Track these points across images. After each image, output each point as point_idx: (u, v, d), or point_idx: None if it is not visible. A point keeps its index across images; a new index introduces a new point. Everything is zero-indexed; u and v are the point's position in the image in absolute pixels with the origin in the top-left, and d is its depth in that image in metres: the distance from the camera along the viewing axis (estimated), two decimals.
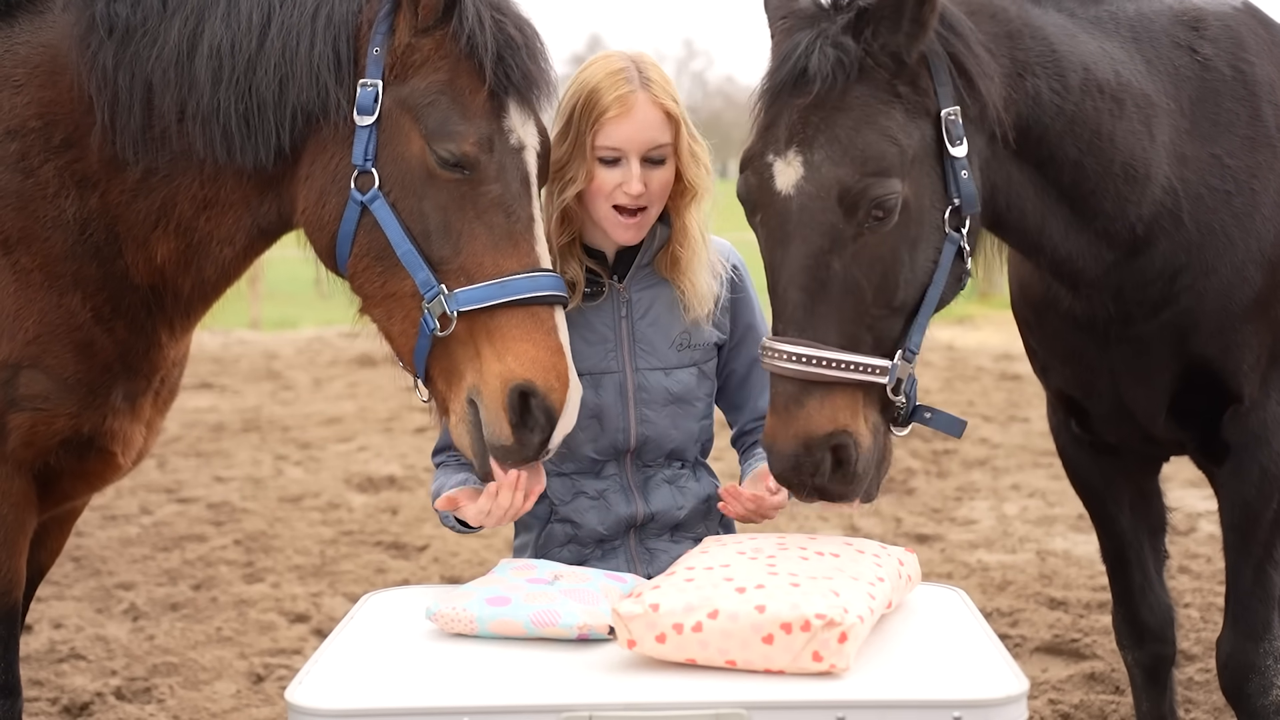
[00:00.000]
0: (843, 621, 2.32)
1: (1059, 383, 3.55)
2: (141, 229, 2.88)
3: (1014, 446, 8.66)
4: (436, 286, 2.68)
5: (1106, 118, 2.93)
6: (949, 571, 6.04)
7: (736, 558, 2.57)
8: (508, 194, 2.73)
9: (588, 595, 2.64)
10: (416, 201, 2.72)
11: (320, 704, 2.31)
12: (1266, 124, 3.12)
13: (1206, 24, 3.16)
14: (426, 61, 2.73)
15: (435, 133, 2.70)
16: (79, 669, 5.02)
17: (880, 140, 2.65)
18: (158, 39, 2.77)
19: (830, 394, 2.64)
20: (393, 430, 9.66)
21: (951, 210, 2.73)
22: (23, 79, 2.87)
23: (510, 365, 2.65)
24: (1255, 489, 3.22)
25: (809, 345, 2.62)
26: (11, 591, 2.96)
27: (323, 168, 2.76)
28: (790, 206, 2.67)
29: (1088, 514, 3.87)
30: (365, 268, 2.77)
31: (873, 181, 2.63)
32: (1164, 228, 3.05)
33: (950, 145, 2.71)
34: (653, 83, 2.99)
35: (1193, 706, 4.45)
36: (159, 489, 7.92)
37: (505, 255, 2.70)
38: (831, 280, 2.65)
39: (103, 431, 2.97)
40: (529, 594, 2.64)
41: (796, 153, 2.67)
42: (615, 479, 3.11)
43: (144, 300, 2.95)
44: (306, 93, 2.72)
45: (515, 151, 2.76)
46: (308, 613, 5.66)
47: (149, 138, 2.80)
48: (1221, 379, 3.17)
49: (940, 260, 2.73)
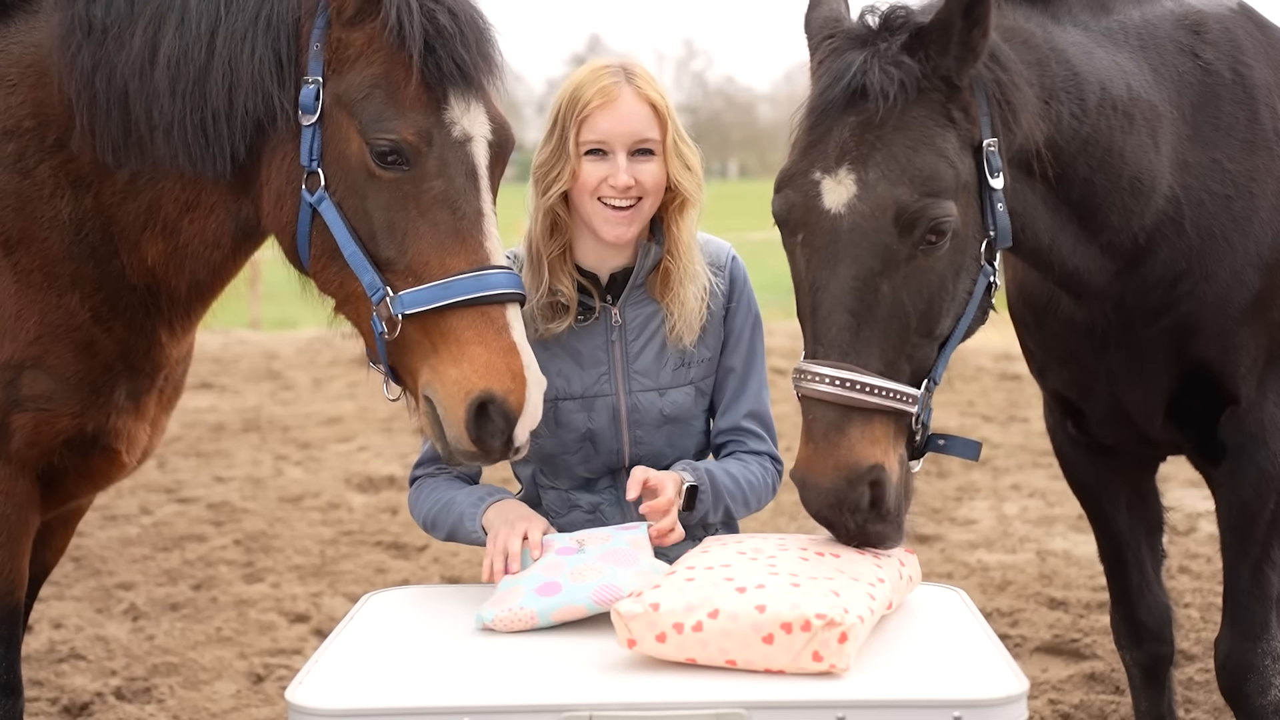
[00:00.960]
0: (843, 622, 2.32)
1: (1056, 384, 3.55)
2: (133, 230, 2.87)
3: (1014, 446, 8.66)
4: (382, 289, 2.62)
5: (1118, 134, 2.92)
6: (949, 571, 6.04)
7: (737, 558, 2.56)
8: (452, 189, 2.64)
9: (623, 555, 2.63)
10: (360, 201, 2.66)
11: (320, 704, 2.31)
12: (1264, 127, 3.13)
13: (1207, 27, 3.16)
14: (360, 55, 2.66)
15: (370, 128, 2.63)
16: (79, 669, 5.02)
17: (939, 161, 2.59)
18: (125, 44, 2.74)
19: (871, 423, 2.54)
20: (393, 430, 9.66)
21: (987, 243, 2.70)
22: (16, 79, 2.87)
23: (465, 372, 2.58)
24: (1252, 489, 3.22)
25: (853, 370, 2.53)
26: (14, 591, 2.96)
27: (277, 170, 2.72)
28: (840, 225, 2.58)
29: (1085, 514, 3.87)
30: (323, 268, 2.73)
31: (931, 202, 2.57)
32: (1165, 235, 3.05)
33: (990, 177, 2.67)
34: (638, 77, 2.96)
35: (1193, 706, 4.45)
36: (159, 489, 7.92)
37: (452, 254, 2.62)
38: (879, 304, 2.56)
39: (106, 430, 2.97)
40: (573, 571, 2.63)
41: (849, 170, 2.59)
42: (609, 492, 3.09)
43: (141, 300, 2.94)
44: (252, 99, 2.67)
45: (459, 144, 2.67)
46: (308, 613, 5.66)
47: (129, 143, 2.78)
48: (1219, 381, 3.18)
49: (975, 291, 2.69)
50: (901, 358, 2.59)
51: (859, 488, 2.53)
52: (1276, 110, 3.15)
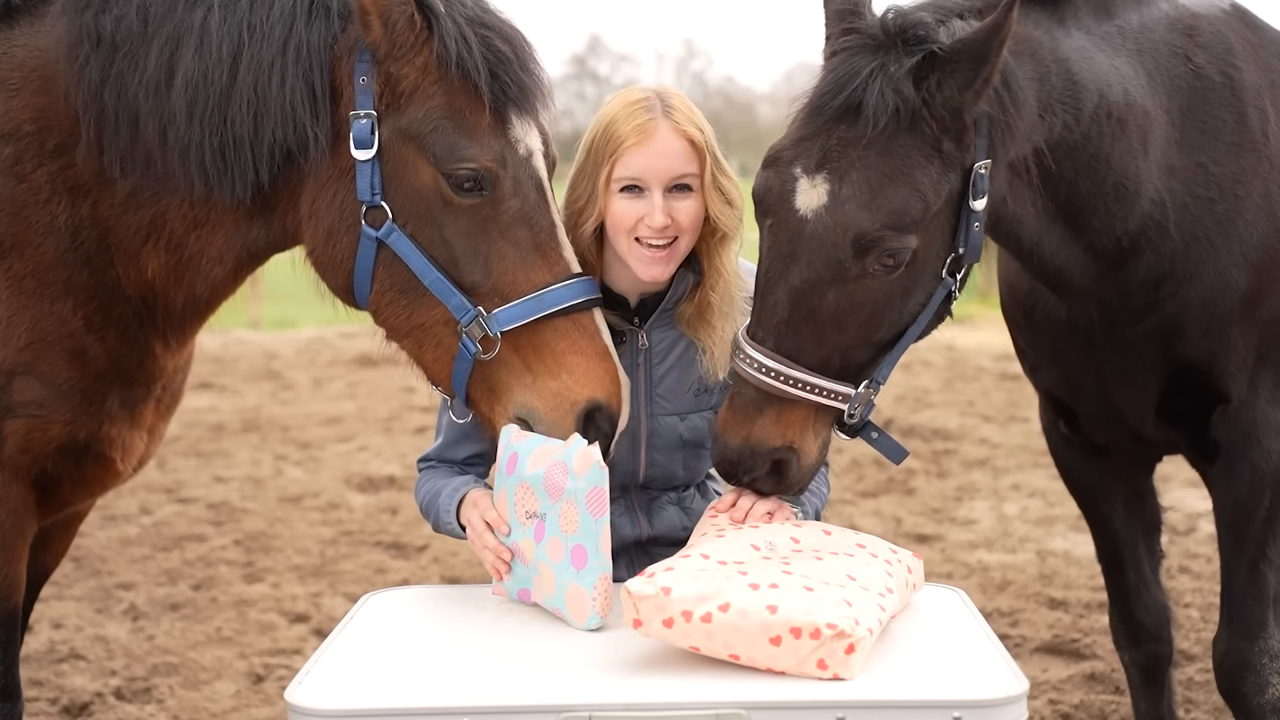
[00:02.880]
0: (853, 634, 2.33)
1: (1047, 383, 3.56)
2: (132, 242, 2.86)
3: (1014, 446, 8.66)
4: (473, 310, 2.65)
5: (1108, 141, 2.93)
6: (949, 571, 6.04)
7: (751, 552, 2.57)
8: (527, 206, 2.70)
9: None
10: (436, 230, 2.69)
11: (320, 704, 2.31)
12: (1252, 129, 3.13)
13: (1200, 30, 3.16)
14: (417, 88, 2.68)
15: (445, 158, 2.66)
16: (79, 669, 5.02)
17: (910, 196, 2.63)
18: (138, 63, 2.73)
19: (787, 410, 2.68)
20: (393, 430, 9.66)
21: (953, 258, 2.74)
22: (19, 83, 2.85)
23: (568, 383, 2.64)
24: (1247, 487, 3.23)
25: (782, 362, 2.65)
26: (11, 596, 2.95)
27: (326, 205, 2.72)
28: (803, 229, 2.65)
29: (1082, 514, 3.88)
30: (390, 301, 2.74)
31: (890, 235, 2.62)
32: (1149, 239, 3.06)
33: (973, 199, 2.70)
34: (675, 110, 2.89)
35: (1193, 706, 4.46)
36: (159, 489, 7.92)
37: (536, 269, 2.68)
38: (822, 309, 2.65)
39: (100, 438, 2.96)
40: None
41: (825, 180, 2.64)
42: (620, 502, 3.07)
43: (136, 311, 2.93)
44: (282, 129, 2.67)
45: (525, 161, 2.73)
46: (308, 613, 5.66)
47: (135, 157, 2.77)
48: (1209, 380, 3.18)
49: (929, 303, 2.75)
50: (836, 356, 2.69)
51: (760, 461, 2.69)
52: (1265, 111, 3.16)
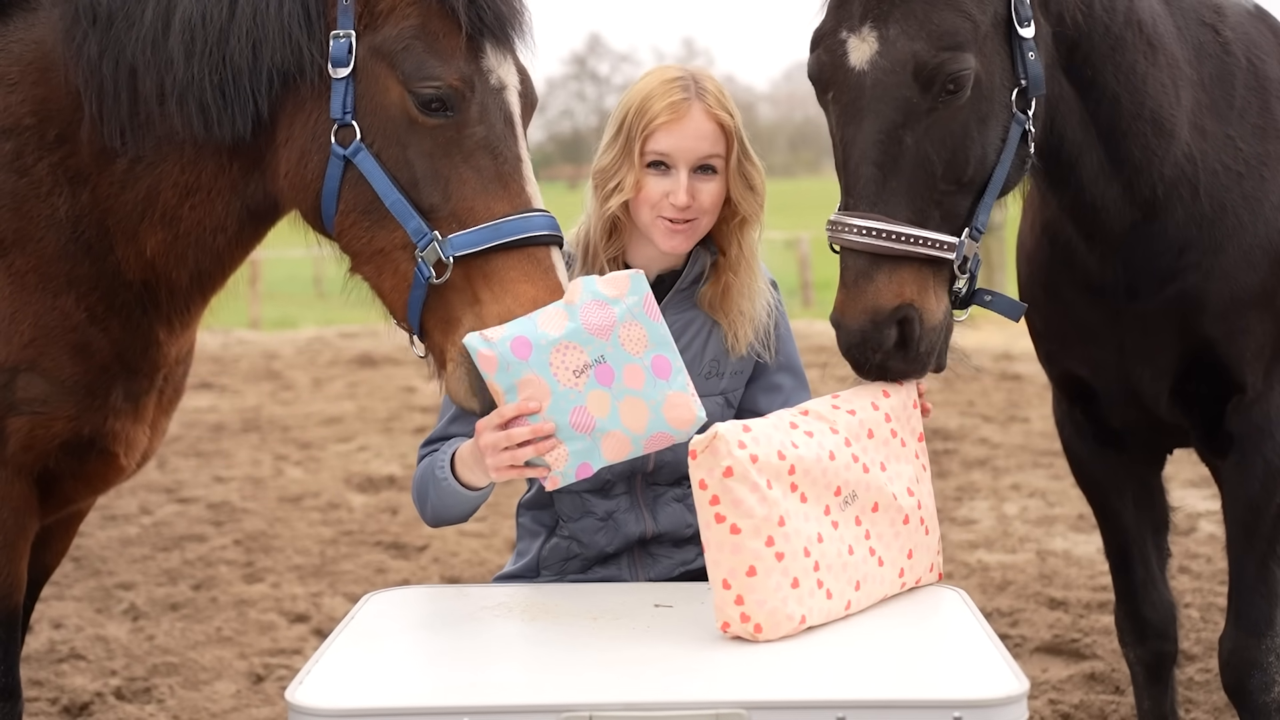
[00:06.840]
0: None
1: (1067, 364, 3.54)
2: (130, 221, 2.86)
3: (1014, 446, 8.66)
4: (429, 234, 2.65)
5: (1142, 59, 3.00)
6: (949, 571, 6.04)
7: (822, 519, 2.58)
8: (492, 135, 2.70)
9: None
10: (400, 150, 2.69)
11: (320, 704, 2.30)
12: (1276, 118, 3.19)
13: (1226, 14, 3.25)
14: (394, 9, 2.70)
15: (413, 76, 2.67)
16: (79, 669, 5.02)
17: (954, 15, 2.69)
18: (134, 22, 2.75)
19: (899, 268, 2.67)
20: (393, 430, 9.66)
21: (1019, 91, 2.78)
22: (16, 77, 2.86)
23: (509, 306, 2.61)
24: (1259, 483, 3.23)
25: (880, 220, 2.66)
26: (12, 595, 2.95)
27: (301, 126, 2.74)
28: (864, 82, 2.70)
29: (1091, 510, 3.86)
30: (352, 224, 2.74)
31: (948, 56, 2.67)
32: (1181, 195, 3.11)
33: (1019, 26, 2.76)
34: (708, 93, 2.94)
35: (1193, 706, 4.45)
36: (159, 489, 7.92)
37: (496, 198, 2.67)
38: (903, 155, 2.68)
39: (103, 433, 2.95)
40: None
41: (871, 28, 2.70)
42: (625, 497, 3.07)
43: (138, 297, 2.93)
44: (280, 53, 2.70)
45: (496, 92, 2.73)
46: (308, 613, 5.66)
47: (135, 124, 2.78)
48: (1224, 364, 3.19)
49: (1008, 139, 2.78)
50: (930, 205, 2.71)
51: (885, 330, 2.67)
52: None
